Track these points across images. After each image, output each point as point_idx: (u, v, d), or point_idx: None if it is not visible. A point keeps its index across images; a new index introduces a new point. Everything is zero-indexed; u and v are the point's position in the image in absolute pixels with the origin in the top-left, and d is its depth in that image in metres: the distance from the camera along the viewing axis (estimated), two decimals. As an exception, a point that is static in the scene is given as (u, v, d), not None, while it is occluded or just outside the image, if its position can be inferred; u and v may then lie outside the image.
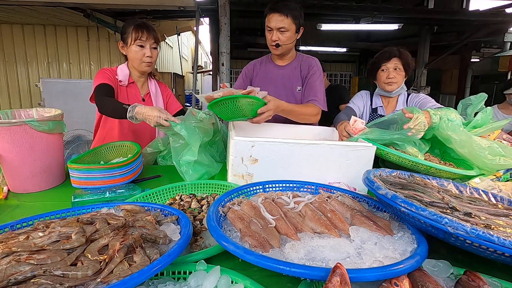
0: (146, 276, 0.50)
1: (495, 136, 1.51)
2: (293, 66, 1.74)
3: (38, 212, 0.80)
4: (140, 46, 1.53)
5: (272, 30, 1.57)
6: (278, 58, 1.74)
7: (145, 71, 1.64)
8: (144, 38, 1.51)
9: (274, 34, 1.57)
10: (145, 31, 1.51)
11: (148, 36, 1.52)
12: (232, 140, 1.06)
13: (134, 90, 1.64)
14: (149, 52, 1.54)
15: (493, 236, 0.54)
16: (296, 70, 1.74)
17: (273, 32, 1.57)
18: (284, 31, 1.57)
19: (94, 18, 4.78)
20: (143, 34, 1.50)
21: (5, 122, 1.07)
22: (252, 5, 4.83)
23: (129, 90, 1.63)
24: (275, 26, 1.55)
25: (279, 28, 1.55)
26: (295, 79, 1.74)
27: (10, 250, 0.57)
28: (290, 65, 1.74)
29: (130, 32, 1.50)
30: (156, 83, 1.76)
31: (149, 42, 1.53)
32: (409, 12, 5.18)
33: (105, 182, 1.13)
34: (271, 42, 1.60)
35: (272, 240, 0.67)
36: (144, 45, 1.53)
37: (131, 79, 1.63)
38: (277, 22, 1.54)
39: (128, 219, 0.72)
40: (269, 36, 1.60)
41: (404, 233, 0.71)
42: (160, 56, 7.09)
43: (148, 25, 1.56)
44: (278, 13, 1.54)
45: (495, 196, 0.89)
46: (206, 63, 12.73)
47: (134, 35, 1.50)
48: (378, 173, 0.90)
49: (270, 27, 1.57)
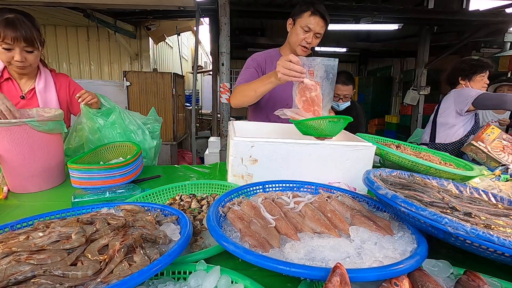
0: (146, 276, 0.50)
1: (495, 136, 1.52)
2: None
3: (38, 212, 0.80)
4: (6, 50, 1.27)
5: (309, 32, 1.53)
6: None
7: (21, 73, 1.41)
8: (9, 40, 1.23)
9: (311, 36, 1.54)
10: (12, 31, 1.23)
11: (16, 37, 1.24)
12: (232, 140, 1.06)
13: (12, 86, 1.43)
14: (19, 56, 1.29)
15: (493, 236, 0.54)
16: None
17: (310, 33, 1.53)
18: (319, 37, 1.56)
19: (94, 18, 4.77)
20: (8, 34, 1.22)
21: (5, 122, 1.07)
22: (252, 5, 4.82)
23: (5, 86, 1.41)
24: (315, 30, 1.52)
25: (317, 32, 1.53)
26: None
27: (10, 250, 0.57)
28: None
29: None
30: (49, 77, 1.50)
31: (18, 46, 1.26)
32: (409, 12, 5.17)
33: (105, 182, 1.13)
34: (305, 43, 1.55)
35: (272, 240, 0.67)
36: (12, 48, 1.27)
37: (6, 74, 1.40)
38: (319, 27, 1.52)
39: (128, 219, 0.72)
40: (302, 36, 1.54)
41: (404, 233, 0.71)
42: (160, 56, 7.10)
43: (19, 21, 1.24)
44: (323, 18, 1.51)
45: (495, 196, 0.89)
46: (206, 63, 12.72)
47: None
48: (378, 173, 0.90)
49: (310, 28, 1.51)
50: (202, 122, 7.89)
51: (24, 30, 1.25)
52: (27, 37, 1.27)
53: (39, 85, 1.46)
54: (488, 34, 5.57)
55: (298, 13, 1.54)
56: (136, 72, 4.76)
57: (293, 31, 1.58)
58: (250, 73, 1.65)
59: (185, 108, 5.45)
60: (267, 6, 4.81)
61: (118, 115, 1.49)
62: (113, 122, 1.48)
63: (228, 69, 3.72)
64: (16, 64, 1.32)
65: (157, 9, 4.82)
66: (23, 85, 1.46)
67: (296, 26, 1.56)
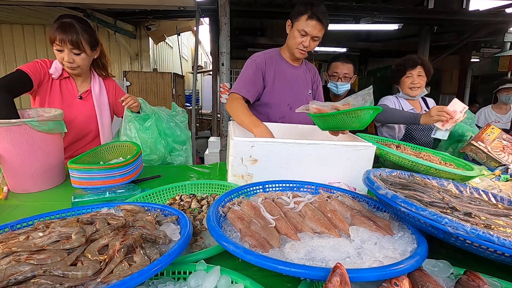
0: (146, 276, 0.50)
1: (495, 136, 1.52)
2: (303, 69, 1.77)
3: (38, 212, 0.80)
4: (58, 51, 1.39)
5: (306, 35, 1.52)
6: (293, 59, 1.70)
7: (72, 74, 1.52)
8: (59, 42, 1.35)
9: (308, 40, 1.53)
10: (61, 34, 1.35)
11: (63, 39, 1.35)
12: (232, 140, 1.06)
13: (70, 85, 1.54)
14: (67, 57, 1.40)
15: (493, 236, 0.54)
16: (307, 74, 1.78)
17: (307, 37, 1.53)
18: (317, 40, 1.56)
19: (94, 18, 4.77)
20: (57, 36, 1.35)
21: (5, 122, 1.07)
22: (252, 5, 4.82)
23: (64, 84, 1.52)
24: (312, 34, 1.51)
25: (314, 36, 1.53)
26: (307, 82, 1.78)
27: (10, 250, 0.57)
28: (301, 67, 1.76)
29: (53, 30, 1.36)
30: (101, 81, 1.64)
31: (66, 48, 1.38)
32: (409, 12, 5.17)
33: (105, 182, 1.13)
34: (302, 47, 1.56)
35: (272, 240, 0.67)
36: (62, 49, 1.39)
37: (66, 73, 1.51)
38: (316, 31, 1.51)
39: (128, 219, 0.72)
40: (299, 40, 1.54)
41: (404, 233, 0.71)
42: (160, 56, 7.10)
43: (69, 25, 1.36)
44: (320, 22, 1.49)
45: (495, 196, 0.89)
46: (206, 63, 12.73)
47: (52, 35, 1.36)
48: (378, 173, 0.90)
49: (307, 32, 1.51)
50: (202, 122, 7.90)
51: (71, 34, 1.36)
52: (73, 40, 1.37)
53: (95, 88, 1.59)
54: (488, 34, 5.57)
55: (295, 16, 1.54)
56: (136, 72, 4.77)
57: (291, 34, 1.59)
58: (247, 77, 1.63)
59: (185, 108, 5.45)
60: (267, 6, 4.81)
61: (153, 122, 1.59)
62: (147, 127, 1.57)
63: (228, 69, 3.72)
64: (65, 65, 1.43)
65: (157, 9, 4.82)
66: (79, 86, 1.58)
67: (294, 29, 1.55)
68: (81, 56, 1.43)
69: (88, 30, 1.43)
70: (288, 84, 1.69)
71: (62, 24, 1.36)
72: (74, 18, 1.40)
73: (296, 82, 1.72)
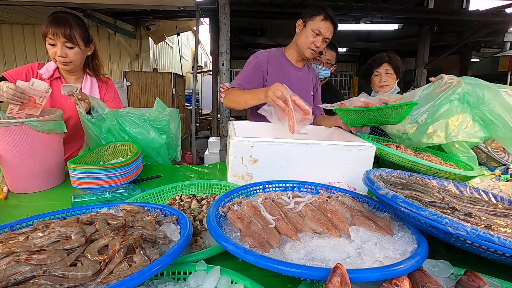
0: (146, 277, 0.50)
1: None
2: (306, 70, 1.77)
3: (38, 212, 0.80)
4: (51, 45, 1.38)
5: (319, 36, 1.54)
6: (299, 59, 1.71)
7: (65, 69, 1.50)
8: (51, 35, 1.34)
9: (320, 40, 1.55)
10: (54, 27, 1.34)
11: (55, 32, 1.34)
12: (232, 140, 1.06)
13: (60, 84, 1.47)
14: (60, 51, 1.38)
15: (493, 237, 0.54)
16: (309, 76, 1.79)
17: (320, 37, 1.55)
18: (326, 42, 1.58)
19: (94, 18, 4.77)
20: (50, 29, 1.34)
21: (5, 122, 1.07)
22: (252, 5, 4.82)
23: (55, 85, 1.49)
24: (325, 35, 1.54)
25: (326, 37, 1.55)
26: (310, 84, 1.79)
27: (10, 251, 0.57)
28: (304, 69, 1.76)
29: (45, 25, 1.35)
30: (94, 81, 1.61)
31: (59, 41, 1.36)
32: (409, 12, 5.17)
33: (105, 182, 1.13)
34: (314, 46, 1.57)
35: (272, 240, 0.67)
36: (55, 43, 1.37)
37: (57, 73, 1.50)
38: (329, 33, 1.54)
39: (128, 219, 0.72)
40: (312, 39, 1.55)
41: (404, 233, 0.71)
42: (160, 56, 7.10)
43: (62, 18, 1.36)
44: (333, 25, 1.53)
45: (495, 196, 0.89)
46: (206, 63, 12.72)
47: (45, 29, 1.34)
48: (378, 173, 0.90)
49: (321, 32, 1.53)
50: (202, 122, 7.89)
51: (64, 26, 1.35)
52: (66, 33, 1.36)
53: (85, 87, 1.57)
54: (488, 34, 5.57)
55: (309, 16, 1.55)
56: (136, 72, 4.76)
57: (303, 33, 1.59)
58: (247, 74, 1.63)
59: (185, 108, 5.45)
60: (267, 6, 4.81)
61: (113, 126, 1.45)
62: (108, 130, 1.45)
63: (228, 69, 3.72)
64: (58, 60, 1.42)
65: (157, 9, 4.82)
66: None
67: (307, 29, 1.56)
68: (74, 50, 1.42)
69: (81, 24, 1.42)
70: (291, 85, 1.70)
71: (55, 18, 1.35)
72: (66, 13, 1.40)
73: (299, 83, 1.72)
